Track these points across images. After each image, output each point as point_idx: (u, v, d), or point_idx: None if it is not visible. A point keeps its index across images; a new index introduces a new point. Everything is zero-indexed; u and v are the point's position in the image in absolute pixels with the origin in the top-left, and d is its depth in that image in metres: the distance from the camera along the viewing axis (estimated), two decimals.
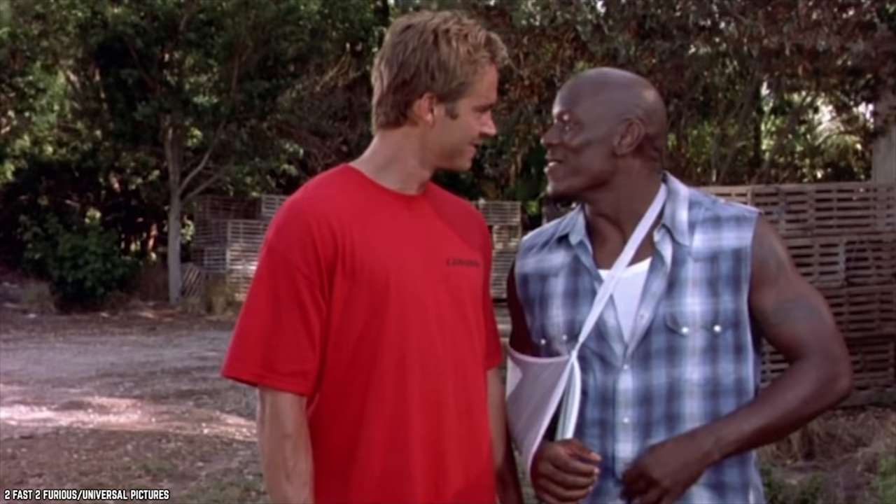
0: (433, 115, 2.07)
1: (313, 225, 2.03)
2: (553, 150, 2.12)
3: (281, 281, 2.04)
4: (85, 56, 19.97)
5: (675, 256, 2.05)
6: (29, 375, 11.14)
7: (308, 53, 19.76)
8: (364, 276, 2.04)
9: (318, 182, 2.15)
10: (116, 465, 7.08)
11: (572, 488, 2.00)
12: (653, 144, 2.10)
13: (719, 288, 2.03)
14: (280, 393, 2.03)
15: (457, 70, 2.05)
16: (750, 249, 2.05)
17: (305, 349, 2.04)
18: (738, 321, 2.04)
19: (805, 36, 8.75)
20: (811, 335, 2.05)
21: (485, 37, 2.08)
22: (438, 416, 2.08)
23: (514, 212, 21.12)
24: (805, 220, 8.55)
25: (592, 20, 9.58)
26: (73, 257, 18.43)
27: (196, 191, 20.27)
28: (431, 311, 2.08)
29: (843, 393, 2.06)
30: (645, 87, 2.13)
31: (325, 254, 2.03)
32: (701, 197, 2.12)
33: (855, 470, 6.56)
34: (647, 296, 2.03)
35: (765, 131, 21.06)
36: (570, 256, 2.14)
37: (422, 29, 2.06)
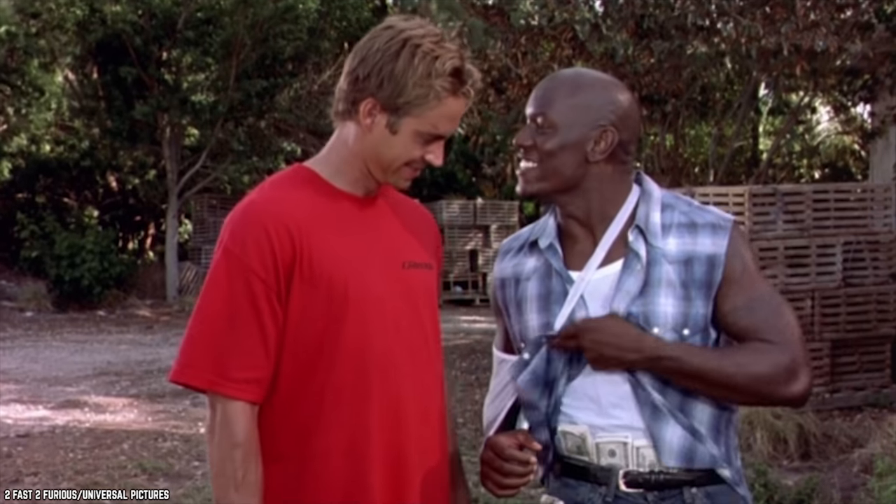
0: (372, 121, 2.00)
1: (271, 228, 1.96)
2: (526, 152, 2.10)
3: (237, 285, 1.97)
4: (83, 54, 19.94)
5: (648, 257, 2.05)
6: (25, 374, 11.13)
7: (306, 52, 19.74)
8: (322, 282, 1.98)
9: (272, 183, 2.09)
10: (112, 464, 7.07)
11: (509, 475, 2.03)
12: (625, 149, 2.09)
13: (692, 292, 2.03)
14: (231, 401, 1.97)
15: (406, 87, 1.96)
16: (724, 257, 2.04)
17: (259, 356, 1.97)
18: (706, 326, 2.05)
19: (803, 36, 8.76)
20: (774, 332, 2.03)
21: (453, 67, 1.97)
22: (398, 423, 2.04)
23: (511, 211, 21.12)
24: (802, 220, 8.55)
25: (590, 19, 9.57)
26: (70, 256, 18.41)
27: (193, 189, 20.25)
28: (389, 315, 2.04)
29: (793, 395, 2.03)
30: (620, 89, 2.11)
31: (283, 258, 1.97)
32: (674, 199, 2.11)
33: (851, 471, 6.56)
34: (620, 292, 2.03)
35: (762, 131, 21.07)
36: (541, 260, 2.14)
37: (396, 33, 1.99)
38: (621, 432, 2.04)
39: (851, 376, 8.54)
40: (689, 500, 2.03)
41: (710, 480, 2.05)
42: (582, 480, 2.08)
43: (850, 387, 8.52)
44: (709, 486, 2.04)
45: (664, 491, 2.03)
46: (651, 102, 10.16)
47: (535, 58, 10.29)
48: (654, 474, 2.04)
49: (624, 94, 2.10)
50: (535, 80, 10.13)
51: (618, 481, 2.04)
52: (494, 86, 10.87)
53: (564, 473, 2.12)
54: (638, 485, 2.03)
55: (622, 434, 2.04)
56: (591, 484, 2.07)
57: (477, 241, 20.42)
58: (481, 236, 20.50)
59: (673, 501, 2.03)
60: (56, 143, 22.93)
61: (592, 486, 2.06)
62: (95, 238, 18.84)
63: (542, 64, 10.32)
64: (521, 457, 2.02)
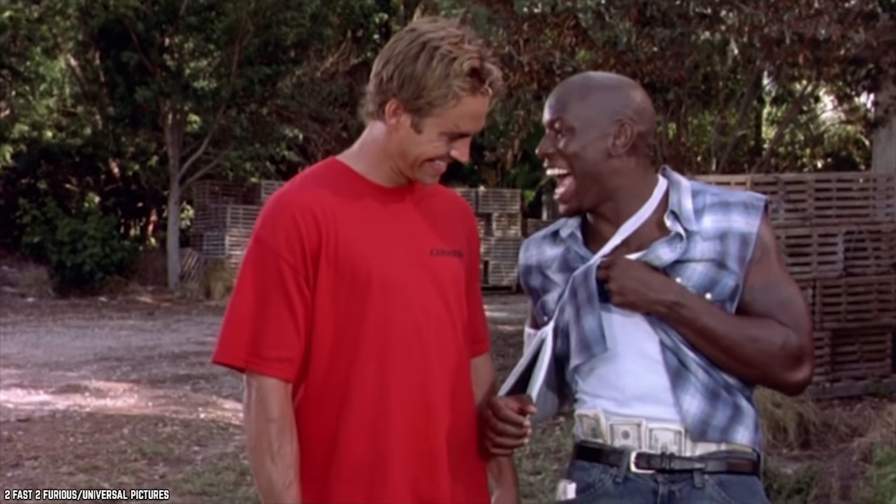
0: (397, 121, 2.08)
1: (298, 215, 2.07)
2: (550, 160, 2.16)
3: (267, 269, 2.08)
4: (85, 39, 19.90)
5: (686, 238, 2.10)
6: (26, 359, 11.14)
7: (309, 39, 19.70)
8: (346, 266, 2.08)
9: (304, 175, 2.20)
10: (112, 449, 7.08)
11: (502, 434, 2.10)
12: (645, 142, 2.14)
13: (727, 262, 2.08)
14: (265, 378, 2.07)
15: (426, 88, 2.04)
16: (755, 237, 2.09)
17: (290, 336, 2.08)
18: (730, 299, 2.08)
19: (806, 24, 8.72)
20: (787, 316, 2.08)
21: (470, 67, 2.04)
22: (424, 405, 2.10)
23: (513, 199, 21.10)
24: (804, 209, 8.54)
25: (593, 7, 9.54)
26: (71, 241, 18.40)
27: (195, 176, 20.23)
28: (415, 301, 2.11)
29: (794, 381, 2.08)
30: (631, 87, 2.17)
31: (309, 243, 2.07)
32: (702, 186, 2.17)
33: (850, 459, 6.56)
34: (651, 255, 2.07)
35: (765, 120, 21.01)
36: (562, 247, 2.20)
37: (417, 36, 2.06)
38: (637, 410, 2.08)
39: (852, 366, 8.54)
40: (699, 485, 2.06)
41: (722, 469, 2.07)
42: (595, 462, 2.12)
43: (850, 376, 8.52)
44: (721, 475, 2.06)
45: (675, 474, 2.06)
46: (653, 90, 10.12)
47: (537, 45, 10.25)
48: (665, 457, 2.06)
49: (636, 90, 2.18)
50: (537, 68, 10.12)
51: (629, 462, 2.08)
52: None
53: (579, 457, 2.16)
54: (649, 466, 2.06)
55: (636, 416, 2.08)
56: (603, 465, 2.11)
57: (479, 228, 20.38)
58: (483, 224, 20.47)
59: (684, 485, 2.06)
60: (58, 129, 22.91)
61: (604, 468, 2.10)
62: (97, 224, 18.82)
63: (544, 51, 10.27)
64: (515, 418, 2.08)
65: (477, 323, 2.30)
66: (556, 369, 2.16)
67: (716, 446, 2.07)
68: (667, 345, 2.07)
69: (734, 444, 2.08)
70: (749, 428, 2.10)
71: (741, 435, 2.09)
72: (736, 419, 2.09)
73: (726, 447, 2.08)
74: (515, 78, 9.76)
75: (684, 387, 2.06)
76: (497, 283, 20.37)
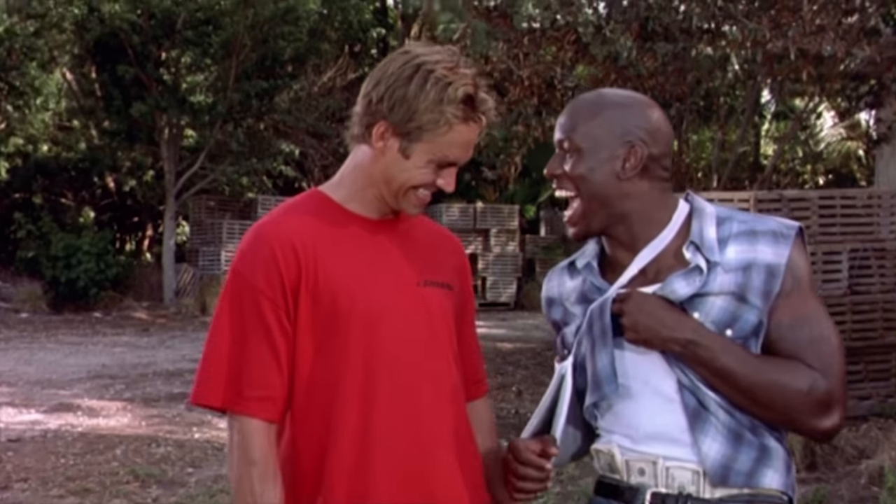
0: (384, 145, 2.01)
1: (277, 248, 2.00)
2: (559, 181, 2.05)
3: (246, 305, 2.00)
4: (81, 53, 19.83)
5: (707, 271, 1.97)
6: (18, 376, 10.99)
7: (306, 54, 19.64)
8: (327, 298, 2.00)
9: (284, 207, 2.13)
10: (104, 471, 6.94)
11: (524, 479, 2.02)
12: (660, 164, 2.01)
13: (749, 297, 1.93)
14: (247, 419, 1.98)
15: (417, 112, 1.96)
16: (784, 267, 1.94)
17: (272, 374, 1.99)
18: (752, 335, 1.94)
19: (810, 40, 8.64)
20: (816, 358, 1.93)
21: (465, 94, 1.96)
22: (417, 445, 2.01)
23: (511, 215, 21.00)
24: (808, 227, 8.45)
25: (594, 22, 9.46)
26: (66, 257, 18.28)
27: (192, 191, 20.13)
28: (402, 332, 2.02)
29: (821, 429, 1.94)
30: (646, 105, 2.04)
31: (289, 277, 1.99)
32: (730, 212, 2.02)
33: (858, 482, 6.45)
34: (666, 289, 1.94)
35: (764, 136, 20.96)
36: (579, 279, 2.11)
37: (411, 58, 1.99)
38: (653, 449, 1.96)
39: (857, 385, 8.41)
40: None
41: None
42: (611, 498, 2.02)
43: (855, 396, 8.38)
44: None
45: None
46: None
47: (537, 59, 10.18)
48: (682, 497, 1.94)
49: (651, 109, 2.04)
50: (537, 83, 10.04)
51: (644, 502, 1.97)
52: (496, 88, 10.76)
53: (598, 492, 2.07)
54: None
55: (653, 453, 1.96)
56: (619, 503, 2.01)
57: (477, 244, 20.31)
58: (481, 240, 20.39)
59: None
60: (54, 143, 22.82)
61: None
62: (92, 239, 18.72)
63: (544, 66, 10.20)
64: (536, 461, 2.00)
65: (473, 363, 2.20)
66: (578, 405, 2.05)
67: (738, 490, 1.94)
68: (684, 384, 1.94)
69: (760, 488, 1.95)
70: (779, 470, 1.96)
71: (769, 478, 1.95)
72: (763, 461, 1.95)
73: (750, 490, 1.94)
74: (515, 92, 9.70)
75: (704, 428, 1.93)
76: (495, 299, 20.26)
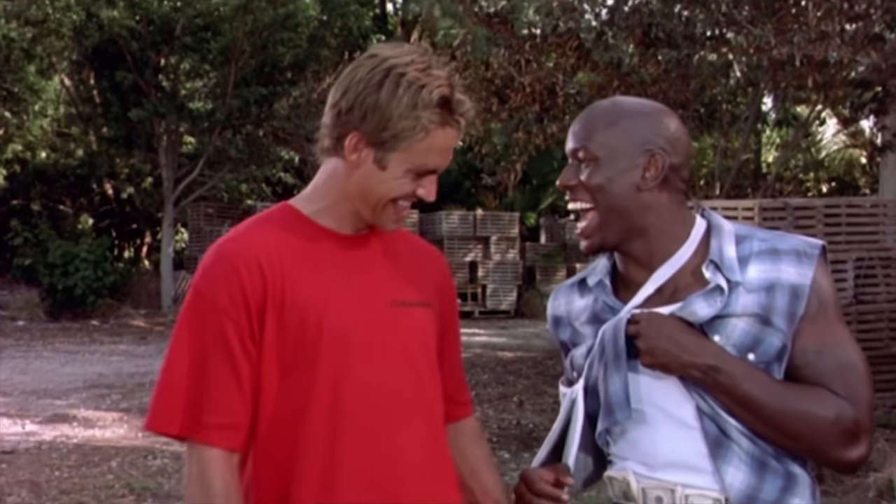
0: (358, 157, 1.88)
1: (241, 265, 1.86)
2: (573, 193, 1.93)
3: (207, 325, 1.86)
4: (79, 59, 19.75)
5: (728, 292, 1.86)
6: (14, 386, 10.87)
7: (305, 60, 19.55)
8: (294, 319, 1.86)
9: (252, 221, 1.99)
10: (99, 484, 6.82)
11: None
12: (679, 175, 1.92)
13: (773, 319, 1.83)
14: (206, 448, 1.84)
15: (391, 119, 1.83)
16: (808, 288, 1.84)
17: (235, 400, 1.86)
18: (776, 360, 1.84)
19: (815, 47, 8.53)
20: (843, 385, 1.83)
21: (441, 96, 1.83)
22: (387, 473, 1.89)
23: (512, 223, 20.88)
24: (813, 235, 8.36)
25: (596, 28, 9.36)
26: (63, 264, 18.16)
27: (190, 198, 20.05)
28: (374, 356, 1.89)
29: (847, 460, 1.82)
30: (665, 113, 1.94)
31: (254, 296, 1.85)
32: (749, 230, 1.93)
33: (867, 496, 6.35)
34: (685, 311, 1.84)
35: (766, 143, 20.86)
36: (590, 298, 2.00)
37: (380, 62, 1.85)
38: (671, 477, 1.86)
39: None
40: None
41: None
42: None
43: None
44: None
45: None
46: None
47: (538, 66, 10.07)
48: None
49: (670, 118, 1.94)
50: (539, 89, 9.93)
51: None
52: (497, 94, 10.65)
53: None
54: None
55: (671, 480, 1.86)
56: None
57: (477, 252, 20.20)
58: (481, 248, 20.28)
59: None
60: (52, 149, 22.74)
61: None
62: (90, 246, 18.61)
63: (545, 72, 10.10)
64: (551, 492, 1.91)
65: (456, 384, 2.09)
66: (590, 429, 1.95)
67: None
68: (704, 410, 1.84)
69: None
70: (805, 498, 1.86)
71: None
72: (789, 490, 1.85)
73: None
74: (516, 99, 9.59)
75: (726, 457, 1.83)
76: (495, 307, 20.15)
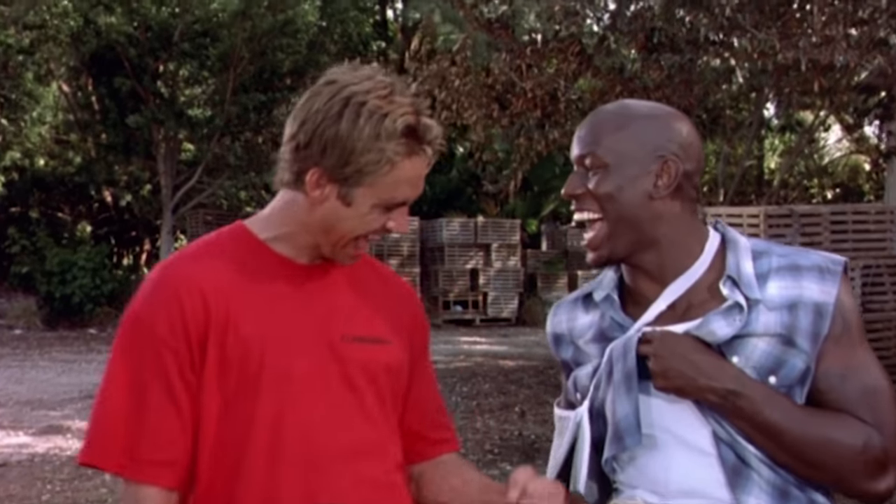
0: (322, 193, 1.74)
1: (183, 291, 1.73)
2: (579, 202, 1.81)
3: (145, 354, 1.73)
4: (77, 65, 19.66)
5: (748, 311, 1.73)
6: (8, 396, 10.72)
7: (305, 66, 19.40)
8: (236, 352, 1.73)
9: (201, 243, 1.85)
10: (92, 498, 6.69)
11: None
12: (692, 182, 1.80)
13: (797, 340, 1.70)
14: (143, 486, 1.73)
15: (354, 153, 1.69)
16: (832, 307, 1.71)
17: (174, 435, 1.73)
18: (798, 384, 1.71)
19: (821, 51, 8.41)
20: (869, 411, 1.71)
21: (405, 125, 1.69)
22: None
23: (513, 230, 20.73)
24: (820, 242, 8.25)
25: (598, 33, 9.24)
26: (61, 272, 18.02)
27: (189, 205, 19.92)
28: (316, 393, 1.76)
29: (874, 492, 1.70)
30: (676, 117, 1.83)
31: (195, 325, 1.72)
32: (766, 245, 1.81)
33: None
34: (702, 331, 1.70)
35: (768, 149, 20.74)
36: (597, 314, 1.87)
37: (338, 90, 1.71)
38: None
39: None
40: None
41: None
42: None
43: None
44: None
45: None
46: None
47: (540, 71, 9.95)
48: None
49: (681, 122, 1.81)
50: (540, 95, 9.80)
51: None
52: (498, 100, 10.53)
53: None
54: None
55: None
56: None
57: (478, 259, 20.07)
58: (482, 255, 20.13)
59: None
60: (51, 156, 22.64)
61: None
62: (88, 254, 18.47)
63: (547, 78, 9.97)
64: None
65: (431, 422, 1.94)
66: (595, 455, 1.81)
67: None
68: (721, 437, 1.71)
69: None
70: None
71: None
72: None
73: None
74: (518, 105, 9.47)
75: (746, 487, 1.70)
76: (496, 314, 19.99)
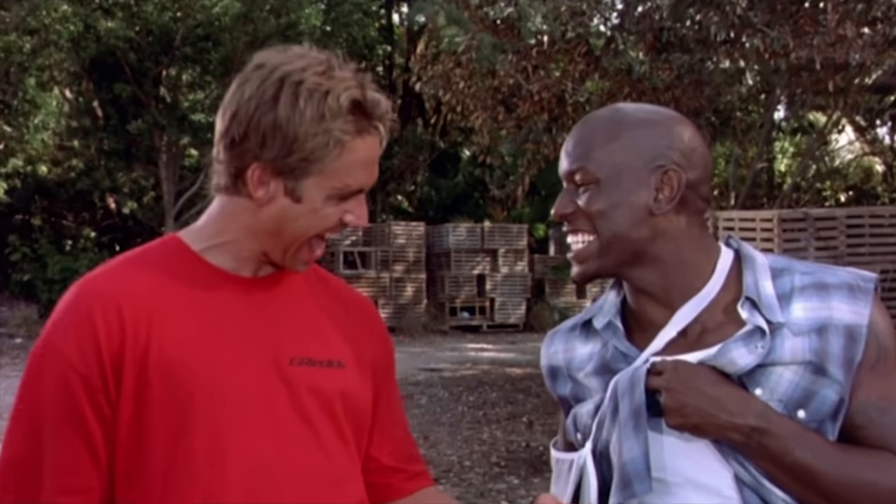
0: (266, 191, 1.53)
1: (97, 310, 1.52)
2: (570, 222, 1.60)
3: (56, 382, 1.51)
4: (77, 71, 19.56)
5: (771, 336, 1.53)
6: (5, 408, 10.50)
7: None
8: (161, 377, 1.51)
9: (125, 256, 1.64)
10: None
11: None
12: (698, 193, 1.59)
13: (829, 367, 1.49)
14: None
15: (297, 140, 1.49)
16: (866, 329, 1.50)
17: (85, 470, 1.52)
18: (832, 417, 1.50)
19: (835, 49, 8.19)
20: None
21: (350, 100, 1.50)
22: None
23: (520, 235, 20.53)
24: (835, 247, 8.07)
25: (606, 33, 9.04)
26: (62, 280, 17.88)
27: (192, 211, 19.74)
28: (260, 423, 1.54)
29: None
30: (676, 121, 1.62)
31: (109, 347, 1.51)
32: (787, 263, 1.60)
33: None
34: (722, 360, 1.50)
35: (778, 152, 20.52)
36: (598, 344, 1.66)
37: (269, 72, 1.51)
38: None
39: None
40: None
41: None
42: None
43: None
44: None
45: None
46: None
47: (546, 73, 9.74)
48: None
49: (683, 126, 1.61)
50: (548, 97, 9.58)
51: None
52: (504, 103, 10.32)
53: None
54: None
55: None
56: None
57: (485, 265, 19.86)
58: (489, 260, 19.93)
59: None
60: (53, 163, 22.55)
61: None
62: (90, 262, 18.32)
63: (553, 80, 9.77)
64: None
65: (402, 453, 1.74)
66: (599, 501, 1.61)
67: None
68: (744, 480, 1.51)
69: None
70: None
71: None
72: None
73: None
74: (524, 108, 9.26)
75: None
76: (504, 321, 19.78)
